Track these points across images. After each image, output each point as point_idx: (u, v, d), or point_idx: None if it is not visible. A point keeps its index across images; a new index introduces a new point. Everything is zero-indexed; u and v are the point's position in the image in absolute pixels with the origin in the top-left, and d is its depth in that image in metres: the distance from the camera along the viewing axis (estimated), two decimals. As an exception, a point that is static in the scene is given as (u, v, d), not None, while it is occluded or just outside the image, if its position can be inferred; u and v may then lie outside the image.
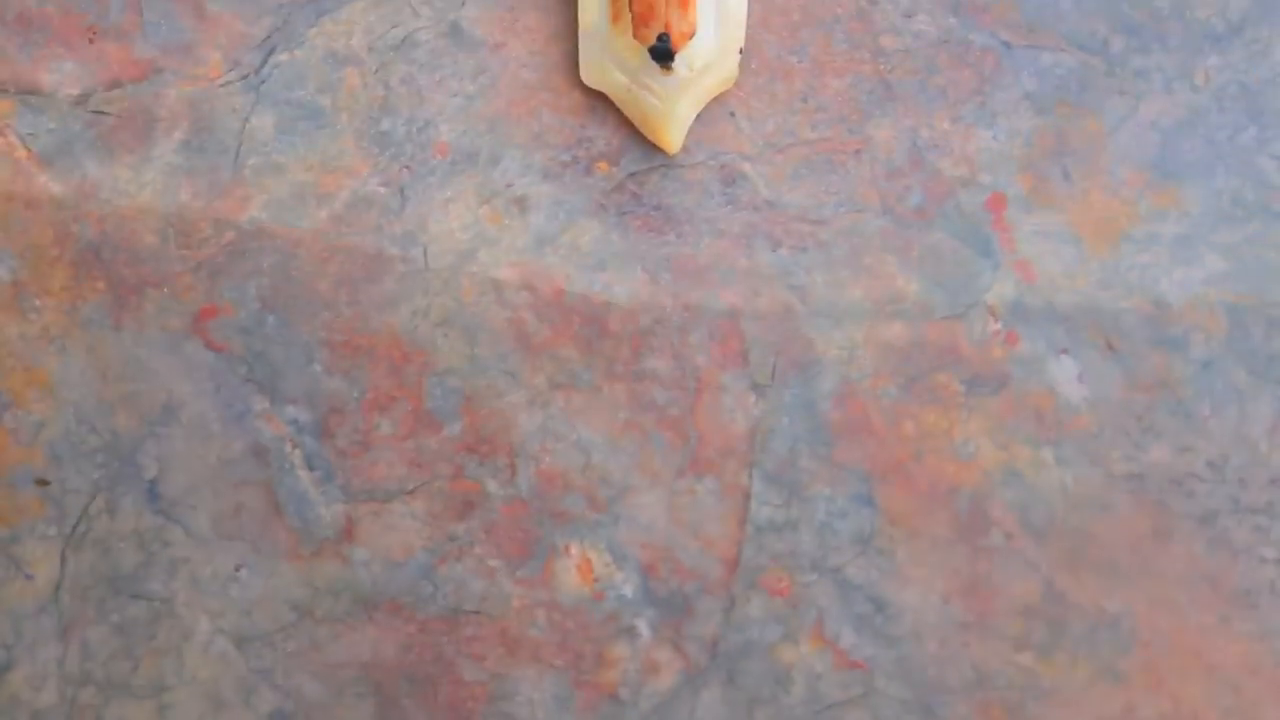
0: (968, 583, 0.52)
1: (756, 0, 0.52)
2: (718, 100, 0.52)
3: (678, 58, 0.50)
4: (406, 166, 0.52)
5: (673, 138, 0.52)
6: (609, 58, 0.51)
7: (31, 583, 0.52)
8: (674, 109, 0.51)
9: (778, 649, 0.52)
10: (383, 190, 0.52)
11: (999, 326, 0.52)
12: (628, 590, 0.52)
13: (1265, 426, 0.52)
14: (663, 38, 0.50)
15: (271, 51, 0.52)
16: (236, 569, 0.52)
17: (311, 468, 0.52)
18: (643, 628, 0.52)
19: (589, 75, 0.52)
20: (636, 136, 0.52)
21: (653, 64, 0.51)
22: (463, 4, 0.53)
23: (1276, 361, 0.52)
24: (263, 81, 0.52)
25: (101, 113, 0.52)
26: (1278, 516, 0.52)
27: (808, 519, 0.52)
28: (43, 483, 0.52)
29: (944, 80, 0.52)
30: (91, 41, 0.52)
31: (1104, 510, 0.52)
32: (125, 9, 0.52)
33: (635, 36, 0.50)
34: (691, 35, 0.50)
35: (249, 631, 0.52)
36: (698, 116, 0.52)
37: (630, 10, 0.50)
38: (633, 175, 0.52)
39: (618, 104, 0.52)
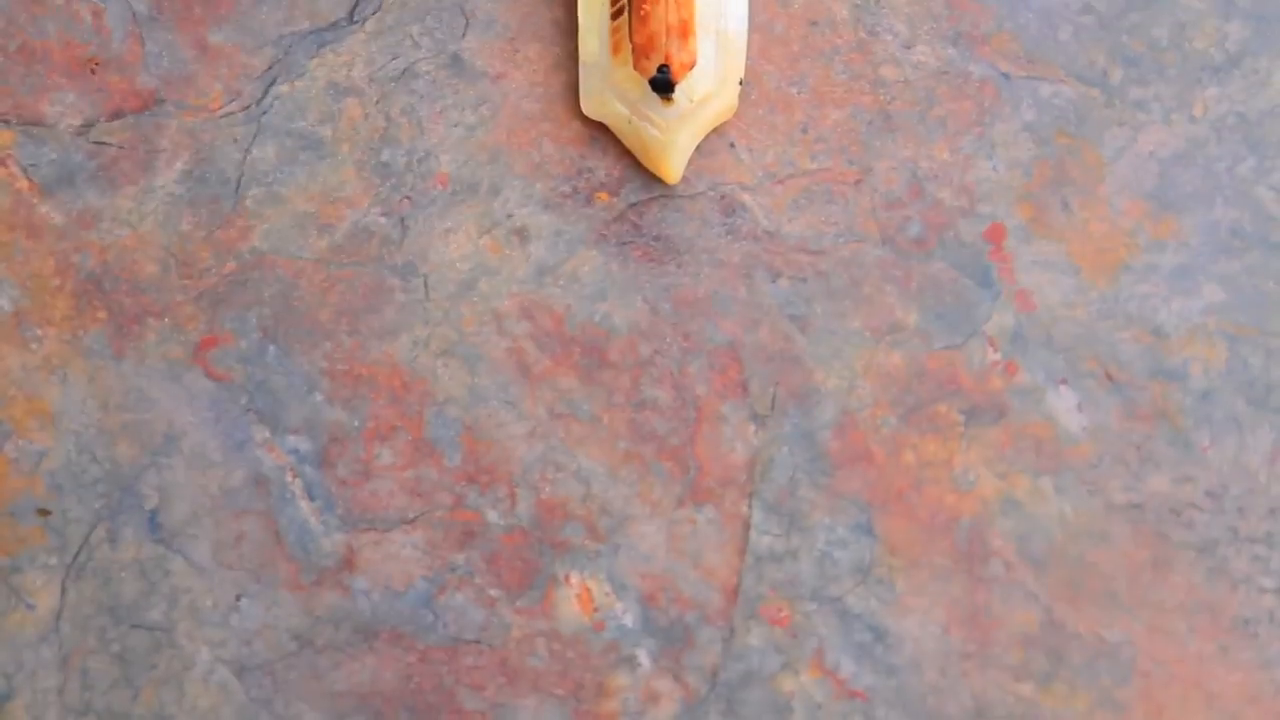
0: (967, 612, 0.52)
1: (756, 31, 0.52)
2: (718, 131, 0.52)
3: (678, 89, 0.51)
4: (407, 197, 0.52)
5: (673, 168, 0.52)
6: (609, 89, 0.52)
7: (32, 612, 0.52)
8: (674, 140, 0.51)
9: (778, 678, 0.52)
10: (383, 220, 0.52)
11: (998, 357, 0.52)
12: (628, 620, 0.52)
13: (1264, 456, 0.52)
14: (663, 69, 0.50)
15: (273, 83, 0.53)
16: (237, 598, 0.52)
17: (312, 497, 0.52)
18: (643, 657, 0.52)
19: (589, 106, 0.52)
20: (637, 167, 0.52)
21: (653, 95, 0.51)
22: (463, 35, 0.53)
23: (1275, 391, 0.52)
24: (264, 112, 0.53)
25: (103, 143, 0.52)
26: (1277, 546, 0.52)
27: (807, 548, 0.52)
28: (44, 512, 0.52)
29: (943, 111, 0.52)
30: (93, 72, 0.53)
31: (1103, 540, 0.52)
32: (127, 40, 0.53)
33: (636, 68, 0.51)
34: (692, 66, 0.50)
35: (249, 661, 0.52)
36: (698, 147, 0.52)
37: (631, 42, 0.51)
38: (633, 206, 0.53)
39: (618, 135, 0.52)
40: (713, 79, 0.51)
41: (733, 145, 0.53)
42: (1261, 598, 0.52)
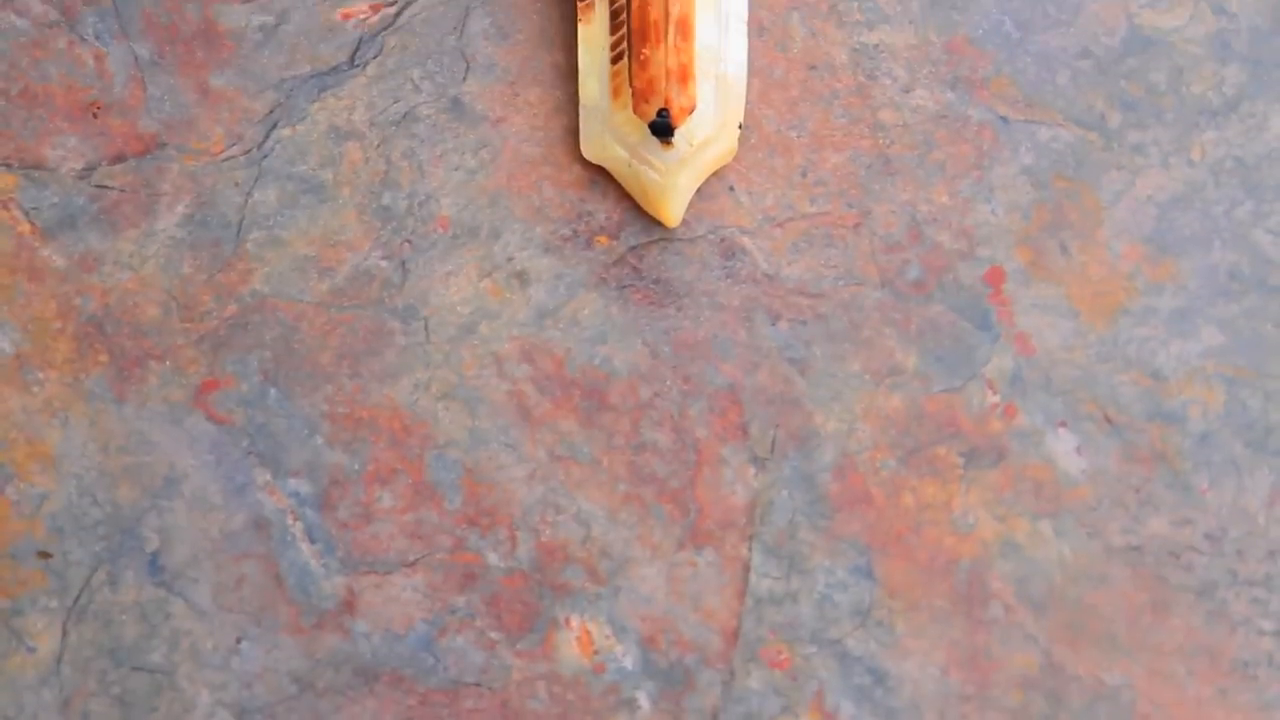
0: (967, 654, 0.52)
1: (756, 76, 0.53)
2: (717, 174, 0.53)
3: (678, 133, 0.51)
4: (408, 240, 0.53)
5: (673, 212, 0.52)
6: (609, 133, 0.52)
7: (33, 655, 0.52)
8: (674, 183, 0.52)
9: (778, 721, 0.52)
10: (384, 264, 0.53)
11: (997, 399, 0.52)
12: (628, 662, 0.52)
13: (1263, 499, 0.52)
14: (663, 113, 0.50)
15: (274, 126, 0.53)
16: (238, 641, 0.52)
17: (313, 540, 0.52)
18: (643, 700, 0.52)
19: (589, 150, 0.52)
20: (637, 210, 0.53)
21: (653, 139, 0.51)
22: (464, 79, 0.53)
23: (1274, 434, 0.52)
24: (265, 156, 0.53)
25: (105, 187, 0.53)
26: (1276, 589, 0.52)
27: (807, 591, 0.52)
28: (45, 555, 0.52)
29: (942, 155, 0.53)
30: (95, 116, 0.53)
31: (1102, 582, 0.52)
32: (129, 84, 0.53)
33: (636, 112, 0.51)
34: (691, 111, 0.51)
35: (250, 704, 0.52)
36: (697, 190, 0.53)
37: (631, 86, 0.51)
38: (633, 249, 0.53)
39: (618, 178, 0.52)
40: (712, 123, 0.51)
41: (732, 189, 0.53)
42: (1260, 640, 0.52)
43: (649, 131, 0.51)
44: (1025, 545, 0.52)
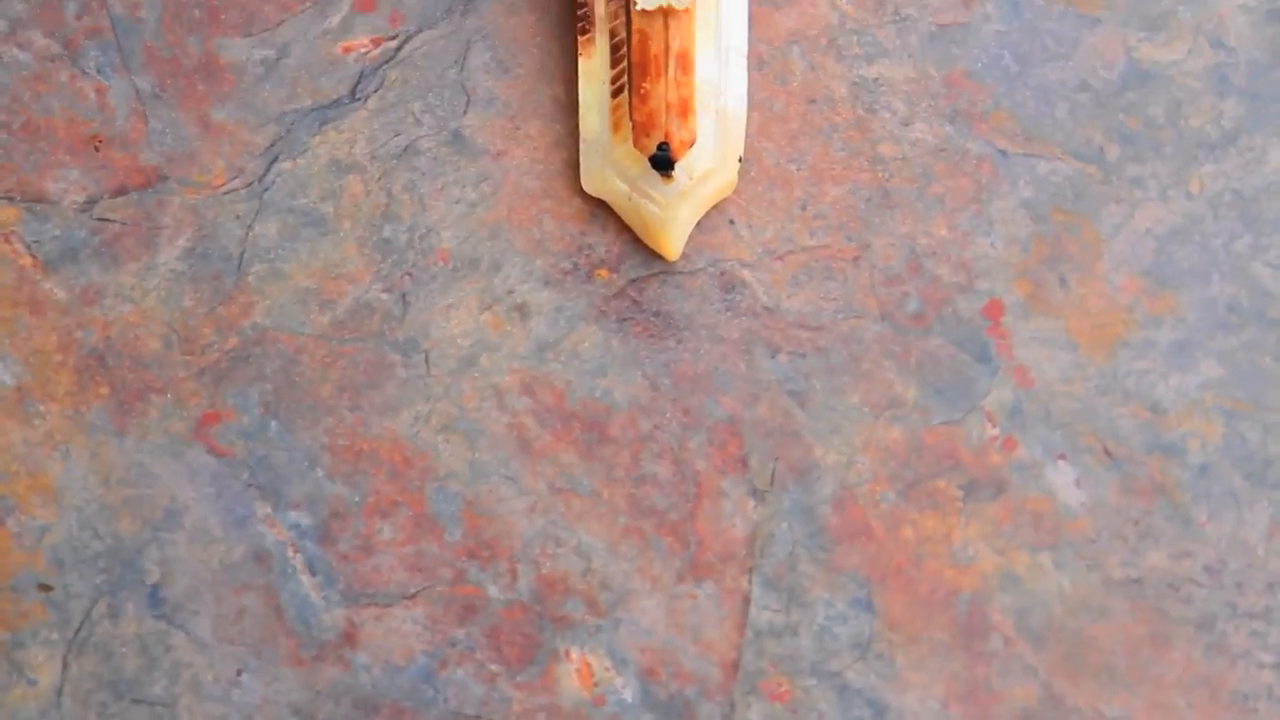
0: (967, 687, 0.52)
1: (755, 109, 0.53)
2: (717, 208, 0.53)
3: (678, 166, 0.51)
4: (408, 273, 0.53)
5: (673, 245, 0.52)
6: (610, 166, 0.52)
7: (34, 687, 0.52)
8: (674, 216, 0.52)
9: (778, 753, 0.52)
10: (385, 296, 0.53)
11: (997, 432, 0.52)
12: (628, 695, 0.52)
13: (1262, 531, 0.52)
14: (663, 147, 0.50)
15: (275, 159, 0.53)
16: (238, 673, 0.52)
17: (313, 572, 0.52)
18: (643, 732, 0.52)
19: (590, 183, 0.53)
20: (637, 243, 0.53)
21: (653, 172, 0.51)
22: (465, 113, 0.53)
23: (1273, 467, 0.52)
24: (266, 189, 0.53)
25: (106, 220, 0.53)
26: (1275, 621, 0.52)
27: (807, 624, 0.52)
28: (45, 587, 0.52)
29: (941, 188, 0.53)
30: (97, 150, 0.53)
31: (1102, 615, 0.52)
32: (131, 117, 0.53)
33: (636, 145, 0.51)
34: (692, 144, 0.51)
35: (250, 736, 0.52)
36: (697, 224, 0.53)
37: (631, 120, 0.51)
38: (633, 282, 0.53)
39: (618, 211, 0.52)
40: (712, 156, 0.52)
41: (732, 222, 0.53)
42: (1260, 673, 0.52)
43: (649, 165, 0.51)
44: (1025, 578, 0.52)
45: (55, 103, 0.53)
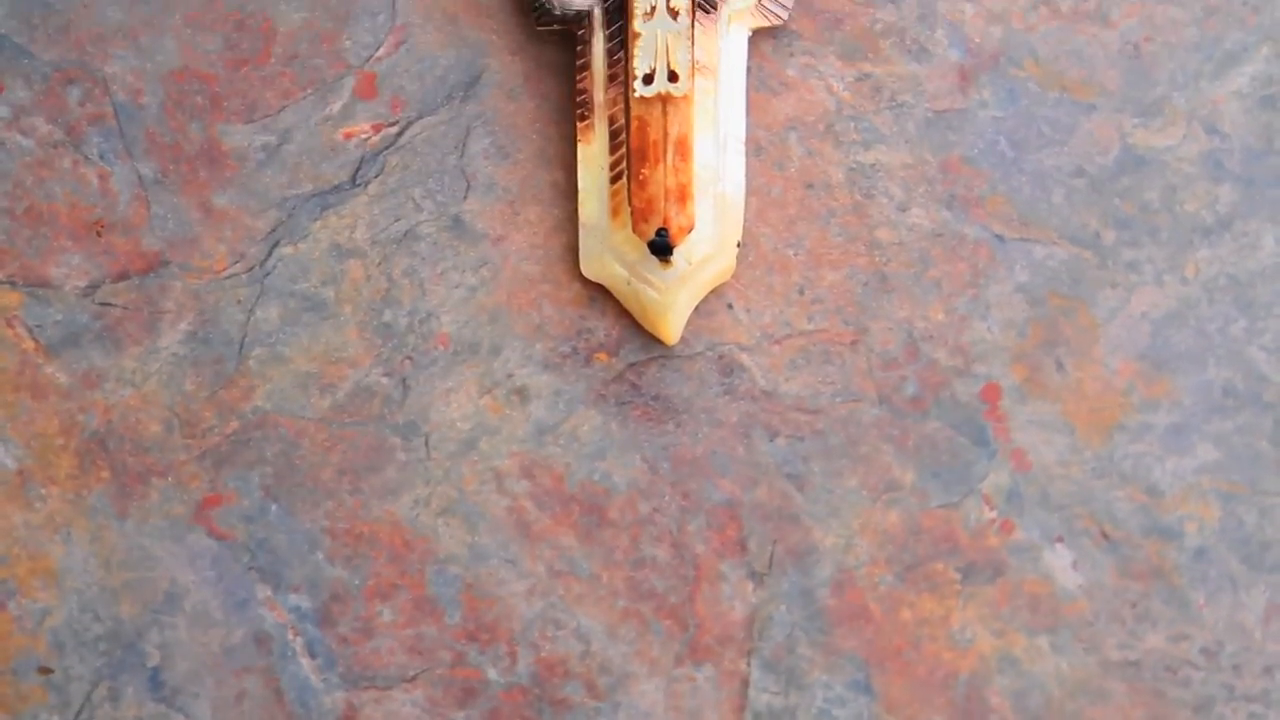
0: (965, 770, 0.52)
1: (753, 194, 0.53)
2: (716, 292, 0.53)
3: (676, 252, 0.51)
4: (409, 357, 0.53)
5: (671, 329, 0.52)
6: (609, 251, 0.52)
7: (34, 771, 0.52)
8: (673, 301, 0.52)
9: (777, 837, 0.52)
10: (385, 380, 0.53)
11: (994, 515, 0.53)
12: (627, 778, 0.52)
13: (1259, 614, 0.52)
14: (662, 233, 0.51)
15: (276, 244, 0.53)
16: (238, 757, 0.52)
17: (313, 655, 0.52)
18: (642, 816, 0.52)
19: (589, 268, 0.53)
20: (636, 327, 0.53)
21: (652, 258, 0.51)
22: (464, 198, 0.53)
23: (1270, 550, 0.52)
24: (267, 274, 0.53)
25: (108, 304, 0.53)
26: (1273, 704, 0.52)
27: (806, 706, 0.52)
28: (46, 671, 0.53)
29: (938, 272, 0.53)
30: (99, 234, 0.53)
31: (1100, 697, 0.52)
32: (133, 203, 0.53)
33: (635, 231, 0.51)
34: (690, 230, 0.51)
35: (250, 820, 0.52)
36: (696, 308, 0.53)
37: (630, 205, 0.51)
38: (632, 366, 0.53)
39: (617, 296, 0.53)
40: (711, 241, 0.52)
41: (730, 306, 0.53)
42: (1258, 756, 0.52)
43: (648, 250, 0.51)
44: (1023, 660, 0.52)
45: (58, 188, 0.53)
